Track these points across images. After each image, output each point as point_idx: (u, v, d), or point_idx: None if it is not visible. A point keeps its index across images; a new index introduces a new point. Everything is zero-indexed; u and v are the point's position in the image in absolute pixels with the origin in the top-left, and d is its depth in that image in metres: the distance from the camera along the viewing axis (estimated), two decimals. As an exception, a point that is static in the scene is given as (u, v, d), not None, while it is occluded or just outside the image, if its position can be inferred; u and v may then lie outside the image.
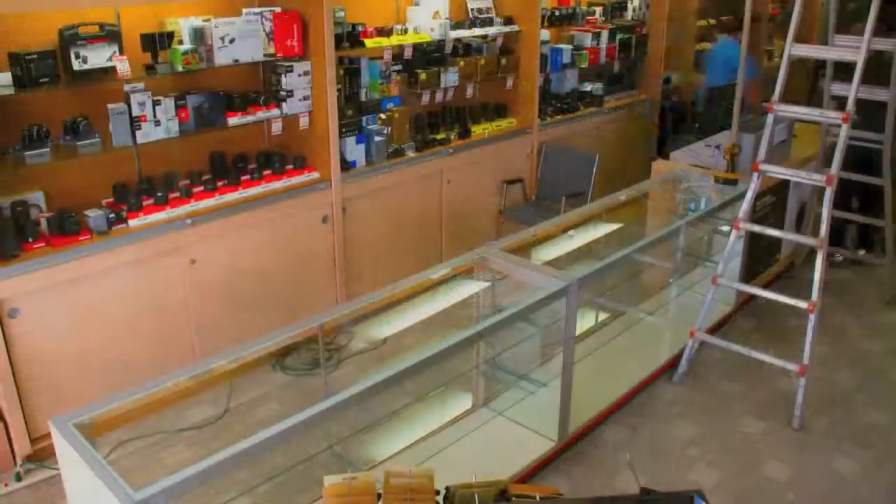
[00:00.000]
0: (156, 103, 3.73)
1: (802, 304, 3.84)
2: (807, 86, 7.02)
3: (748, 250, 4.72)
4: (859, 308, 5.10)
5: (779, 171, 4.11)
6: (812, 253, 5.44)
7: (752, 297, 4.93)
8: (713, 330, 4.59)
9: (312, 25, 4.22)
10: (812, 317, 3.81)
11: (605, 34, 6.42)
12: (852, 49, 3.90)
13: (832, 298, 5.10)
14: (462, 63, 5.27)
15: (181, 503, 2.08)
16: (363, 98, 4.79)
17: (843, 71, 4.37)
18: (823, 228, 3.85)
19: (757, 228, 4.27)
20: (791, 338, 4.47)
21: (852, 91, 3.81)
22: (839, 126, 3.84)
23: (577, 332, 3.56)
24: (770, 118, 4.04)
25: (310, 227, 4.43)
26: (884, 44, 4.11)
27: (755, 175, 4.07)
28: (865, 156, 4.94)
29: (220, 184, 4.14)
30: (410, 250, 5.06)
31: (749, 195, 4.11)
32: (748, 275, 4.78)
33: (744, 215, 4.12)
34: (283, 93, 4.25)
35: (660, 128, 7.09)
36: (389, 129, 4.84)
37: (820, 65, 6.06)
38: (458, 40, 5.34)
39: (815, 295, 3.82)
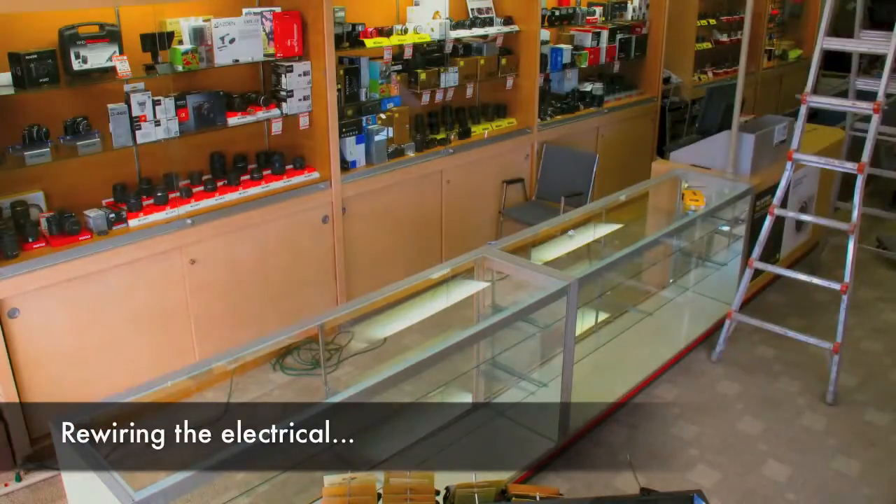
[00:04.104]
0: (156, 103, 3.73)
1: (835, 286, 4.07)
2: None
3: (748, 250, 4.71)
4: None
5: (812, 160, 4.30)
6: (810, 251, 5.59)
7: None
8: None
9: (312, 25, 4.21)
10: (845, 297, 4.03)
11: (605, 34, 6.42)
12: (882, 42, 4.04)
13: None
14: (462, 63, 5.27)
15: (181, 503, 2.08)
16: (363, 98, 4.78)
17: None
18: (855, 214, 4.06)
19: (791, 214, 4.59)
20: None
21: (883, 82, 3.99)
22: (869, 116, 4.03)
23: (577, 332, 3.56)
24: (803, 108, 4.19)
25: (310, 227, 4.43)
26: None
27: (789, 164, 4.26)
28: None
29: (220, 184, 4.14)
30: (410, 250, 5.05)
31: (783, 182, 4.30)
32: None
33: (777, 201, 4.34)
34: (283, 93, 4.25)
35: (660, 127, 7.08)
36: (390, 129, 4.84)
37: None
38: (458, 40, 5.34)
39: (847, 277, 4.03)
